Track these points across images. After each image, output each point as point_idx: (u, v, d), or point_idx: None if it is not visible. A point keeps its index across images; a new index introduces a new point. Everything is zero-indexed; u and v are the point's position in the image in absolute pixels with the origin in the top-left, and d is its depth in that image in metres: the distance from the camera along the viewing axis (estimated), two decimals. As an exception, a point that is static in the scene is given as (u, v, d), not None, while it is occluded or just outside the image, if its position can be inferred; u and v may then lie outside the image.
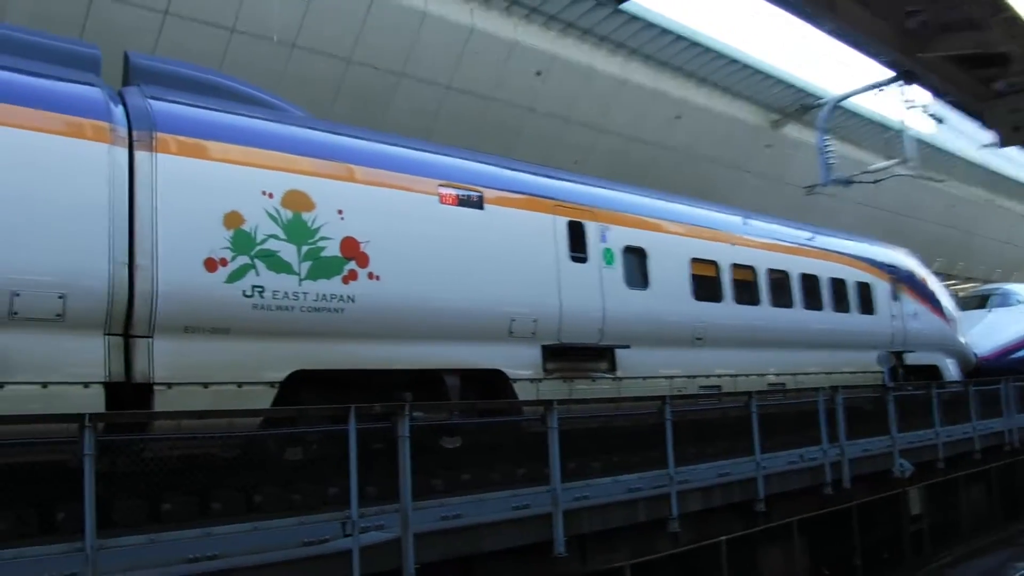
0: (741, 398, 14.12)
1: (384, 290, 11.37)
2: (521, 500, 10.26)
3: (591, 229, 14.28)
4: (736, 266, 16.90)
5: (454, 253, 12.28)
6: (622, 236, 14.74)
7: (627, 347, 14.22)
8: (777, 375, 17.46)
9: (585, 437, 11.75)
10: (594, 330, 13.93)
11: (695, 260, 16.03)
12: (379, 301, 11.30)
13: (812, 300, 18.82)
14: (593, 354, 13.96)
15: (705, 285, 16.07)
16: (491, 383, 12.58)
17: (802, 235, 19.76)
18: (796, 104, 29.88)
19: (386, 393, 11.06)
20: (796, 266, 18.57)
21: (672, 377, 15.08)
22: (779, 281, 18.04)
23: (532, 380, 12.95)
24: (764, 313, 17.38)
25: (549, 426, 10.57)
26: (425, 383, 11.85)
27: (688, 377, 15.39)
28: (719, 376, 16.07)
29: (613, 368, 14.14)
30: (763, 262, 17.68)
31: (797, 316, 18.28)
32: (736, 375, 16.33)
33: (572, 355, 13.59)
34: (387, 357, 11.40)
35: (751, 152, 30.58)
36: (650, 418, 12.19)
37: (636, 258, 14.94)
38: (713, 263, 16.46)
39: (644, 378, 14.49)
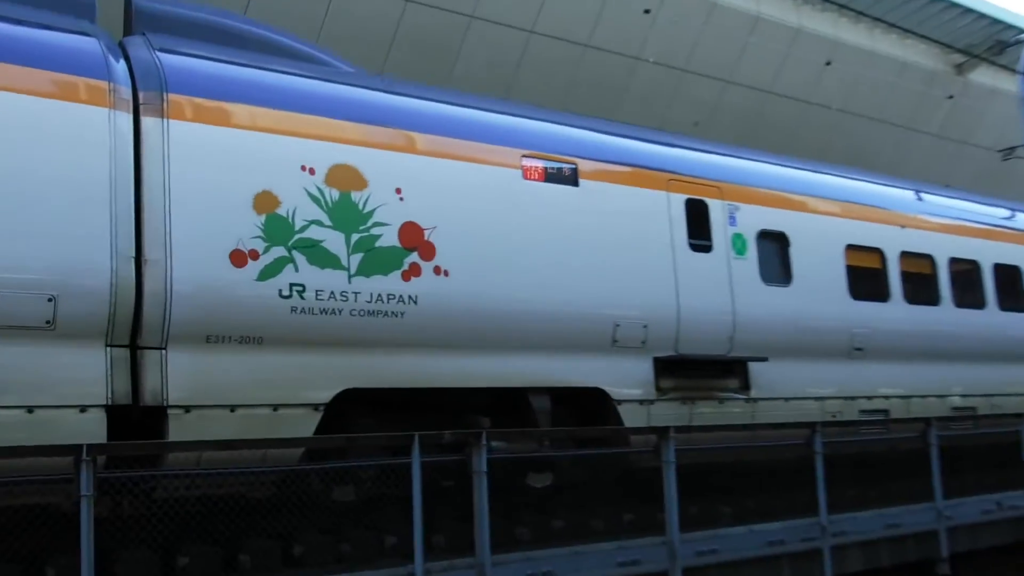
0: (916, 426, 13.95)
1: (454, 288, 11.34)
2: (629, 554, 10.24)
3: (716, 209, 14.18)
4: (907, 255, 16.68)
5: (541, 241, 12.25)
6: (756, 217, 14.63)
7: (764, 360, 14.11)
8: (964, 397, 17.17)
9: (711, 474, 11.72)
10: (721, 338, 13.81)
11: (852, 248, 15.85)
12: (448, 302, 11.28)
13: (1011, 299, 18.42)
14: (720, 369, 13.87)
15: (865, 280, 15.87)
16: (590, 405, 12.51)
17: (997, 213, 19.41)
18: (989, 41, 29.31)
19: (458, 418, 11.04)
20: (989, 254, 18.22)
21: (823, 399, 14.95)
22: (966, 274, 17.77)
23: (642, 402, 12.87)
24: (946, 316, 17.10)
25: (664, 460, 10.52)
26: (507, 405, 11.84)
27: (844, 399, 15.22)
28: (885, 397, 15.85)
29: (746, 387, 14.04)
30: (944, 249, 17.41)
31: (991, 320, 17.91)
32: (908, 396, 16.12)
33: (693, 370, 13.50)
34: (458, 373, 11.38)
35: (926, 106, 30.17)
36: (795, 451, 12.09)
37: (775, 245, 14.83)
38: (876, 251, 16.28)
39: (786, 399, 14.39)
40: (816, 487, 11.93)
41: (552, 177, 12.60)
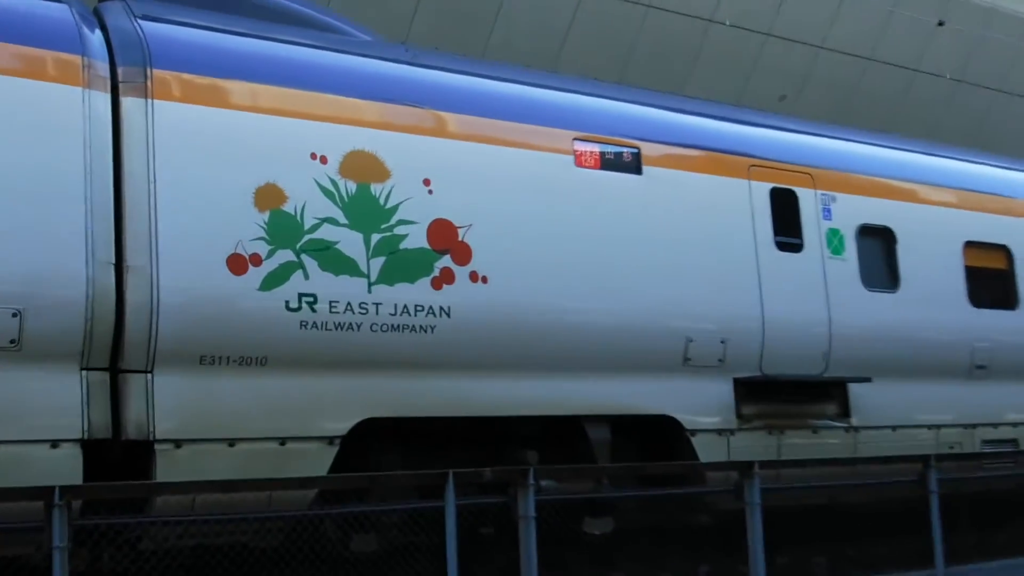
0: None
1: (494, 298, 11.34)
2: (706, 614, 10.27)
3: (807, 200, 14.14)
4: (1041, 254, 16.64)
5: (598, 241, 12.18)
6: (856, 209, 14.55)
7: (867, 381, 13.96)
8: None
9: (803, 518, 11.69)
10: (815, 355, 13.74)
11: (972, 245, 15.82)
12: (487, 314, 11.28)
13: None
14: (814, 392, 13.82)
15: (989, 284, 15.83)
16: (657, 437, 12.52)
17: None
18: None
19: (500, 452, 11.08)
20: None
21: (939, 427, 14.88)
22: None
23: (720, 432, 12.84)
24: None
25: (748, 501, 10.55)
26: (558, 436, 11.82)
27: (964, 427, 15.17)
28: (1013, 425, 15.78)
29: (845, 413, 13.96)
30: None
31: None
32: (1042, 423, 16.01)
33: (781, 393, 13.47)
34: (500, 398, 11.36)
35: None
36: (905, 490, 12.05)
37: (879, 243, 14.76)
38: (1002, 249, 16.24)
39: (894, 428, 14.33)
40: (931, 532, 11.85)
41: (610, 164, 12.54)
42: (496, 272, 11.37)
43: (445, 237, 11.18)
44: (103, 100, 9.81)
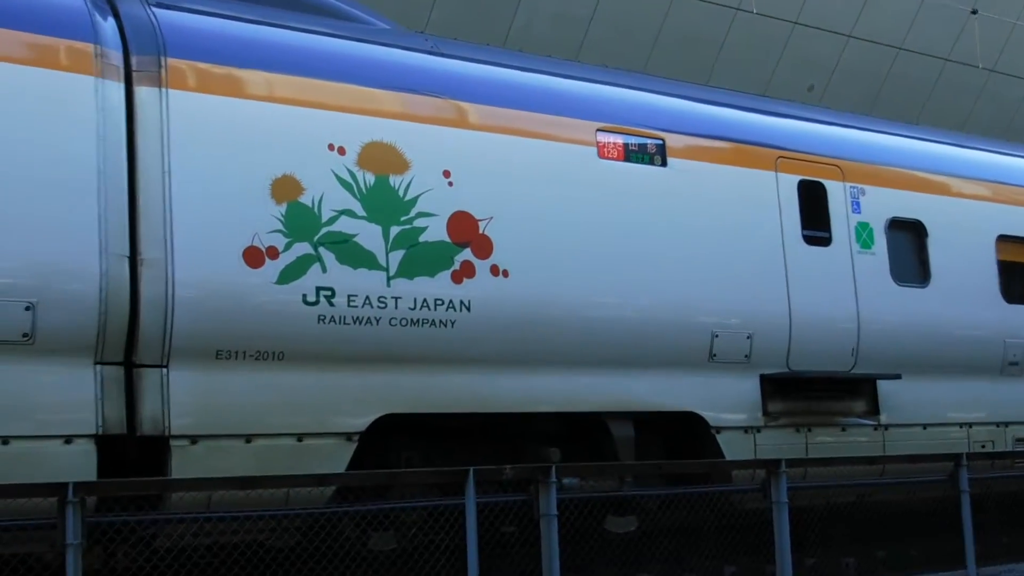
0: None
1: (515, 292, 11.33)
2: (732, 615, 10.23)
3: (836, 193, 14.11)
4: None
5: (621, 234, 12.15)
6: (886, 202, 14.51)
7: (896, 377, 13.96)
8: None
9: (831, 518, 11.65)
10: (844, 351, 13.71)
11: (1006, 239, 15.76)
12: (508, 308, 11.26)
13: None
14: (842, 388, 13.80)
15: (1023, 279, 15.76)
16: (682, 434, 12.54)
17: None
18: None
19: (521, 449, 11.10)
20: None
21: (970, 424, 14.86)
22: None
23: (746, 429, 12.85)
24: None
25: (775, 500, 10.59)
26: (580, 434, 11.84)
27: (996, 425, 15.14)
28: None
29: (874, 410, 13.92)
30: None
31: None
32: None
33: (809, 390, 13.44)
34: (521, 394, 11.36)
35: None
36: (935, 489, 12.10)
37: (909, 237, 14.73)
38: None
39: (924, 426, 14.32)
40: (962, 533, 11.83)
41: (634, 155, 12.51)
42: (517, 266, 11.36)
43: (465, 230, 11.16)
44: (117, 89, 9.78)
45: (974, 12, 26.88)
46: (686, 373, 12.47)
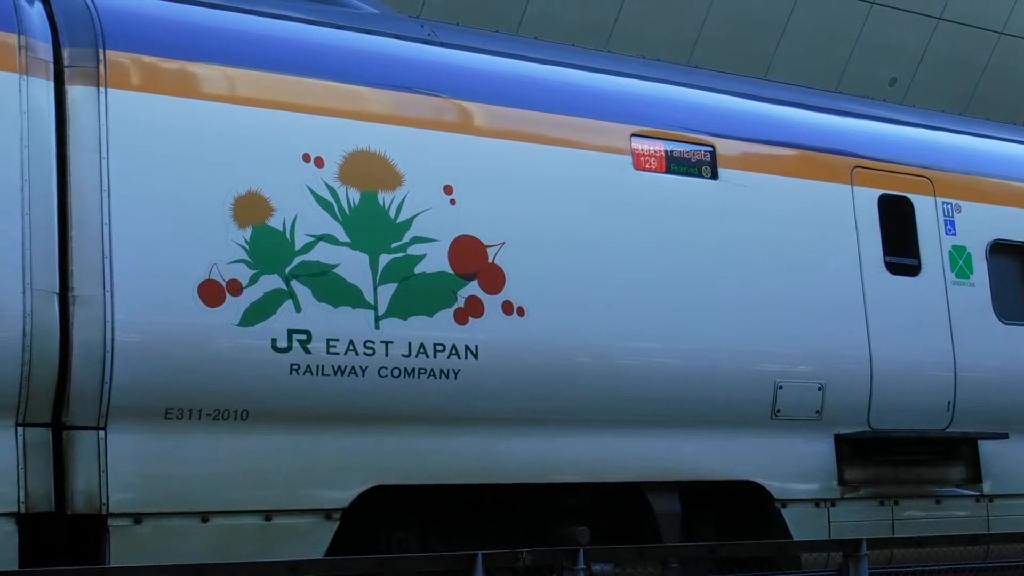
0: None
1: (533, 334, 11.05)
2: None
3: (925, 210, 13.76)
4: None
5: (663, 263, 11.90)
6: (987, 222, 14.18)
7: (1003, 437, 13.64)
8: None
9: None
10: (937, 405, 13.34)
11: None
12: (524, 355, 11.00)
13: None
14: (936, 451, 13.52)
15: None
16: (740, 508, 12.39)
17: None
18: None
19: (541, 528, 10.98)
20: None
21: None
22: None
23: (818, 502, 12.60)
24: None
25: None
26: (614, 509, 11.69)
27: None
28: None
29: (975, 477, 13.63)
30: None
31: None
32: None
33: (895, 453, 13.19)
34: (541, 461, 11.13)
35: None
36: None
37: (1016, 264, 14.49)
38: None
39: None
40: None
41: (678, 166, 12.24)
42: (535, 302, 11.12)
43: (471, 258, 10.95)
44: (45, 89, 9.64)
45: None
46: (744, 434, 12.24)
